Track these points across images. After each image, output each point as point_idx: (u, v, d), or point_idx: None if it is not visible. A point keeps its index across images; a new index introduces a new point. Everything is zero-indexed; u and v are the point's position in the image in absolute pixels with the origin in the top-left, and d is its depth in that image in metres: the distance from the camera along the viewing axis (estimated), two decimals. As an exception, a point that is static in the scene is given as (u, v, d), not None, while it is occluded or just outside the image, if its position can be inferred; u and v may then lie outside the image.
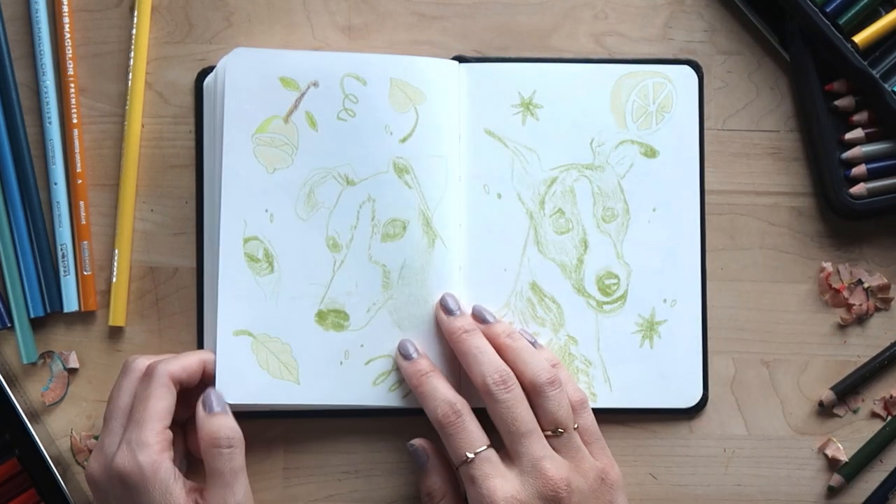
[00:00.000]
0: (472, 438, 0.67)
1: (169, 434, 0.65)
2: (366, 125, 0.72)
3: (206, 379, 0.69)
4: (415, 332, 0.72)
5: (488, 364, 0.68)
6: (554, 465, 0.66)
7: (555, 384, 0.68)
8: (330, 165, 0.72)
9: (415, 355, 0.70)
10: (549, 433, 0.67)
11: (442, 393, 0.68)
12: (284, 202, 0.72)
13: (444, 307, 0.71)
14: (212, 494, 0.65)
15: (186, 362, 0.68)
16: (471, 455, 0.66)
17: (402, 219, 0.72)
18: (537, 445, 0.66)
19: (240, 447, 0.66)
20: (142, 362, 0.68)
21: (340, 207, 0.72)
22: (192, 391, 0.69)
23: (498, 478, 0.65)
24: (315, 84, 0.72)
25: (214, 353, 0.71)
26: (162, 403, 0.65)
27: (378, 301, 0.72)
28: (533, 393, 0.68)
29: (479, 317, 0.72)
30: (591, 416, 0.70)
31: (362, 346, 0.72)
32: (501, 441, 0.68)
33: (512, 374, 0.68)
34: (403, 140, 0.72)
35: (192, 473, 0.71)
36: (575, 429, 0.68)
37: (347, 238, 0.72)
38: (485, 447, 0.66)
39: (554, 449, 0.67)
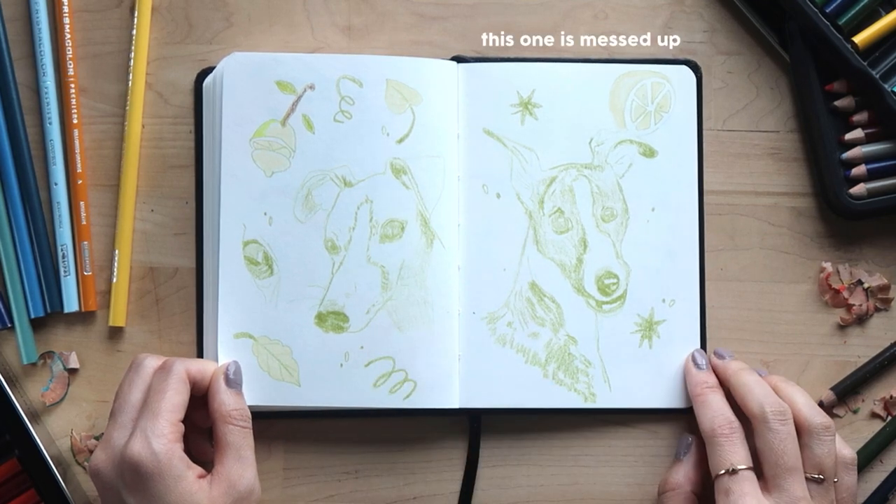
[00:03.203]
0: (741, 455, 0.68)
1: (181, 427, 0.66)
2: (362, 127, 0.72)
3: (210, 392, 0.69)
4: (414, 332, 0.72)
5: (768, 395, 0.69)
6: None
7: (830, 430, 0.69)
8: (327, 167, 0.72)
9: (705, 367, 0.73)
10: (808, 476, 0.68)
11: (723, 407, 0.70)
12: (283, 205, 0.72)
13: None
14: (229, 468, 0.66)
15: (204, 366, 0.69)
16: (739, 467, 0.67)
17: (400, 219, 0.72)
18: (799, 485, 0.67)
19: (251, 429, 0.68)
20: (151, 360, 0.68)
21: (338, 209, 0.72)
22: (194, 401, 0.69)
23: (754, 500, 0.66)
24: (311, 87, 0.72)
25: (216, 354, 0.71)
26: (178, 397, 0.66)
27: (377, 302, 0.72)
28: (804, 433, 0.69)
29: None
30: (855, 479, 0.71)
31: (362, 347, 0.72)
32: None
33: (789, 409, 0.69)
34: (400, 141, 0.72)
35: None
36: (834, 482, 0.69)
37: (346, 239, 0.72)
38: (748, 467, 0.68)
39: (810, 494, 0.68)
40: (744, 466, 0.67)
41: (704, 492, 0.72)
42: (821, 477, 0.68)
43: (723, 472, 0.68)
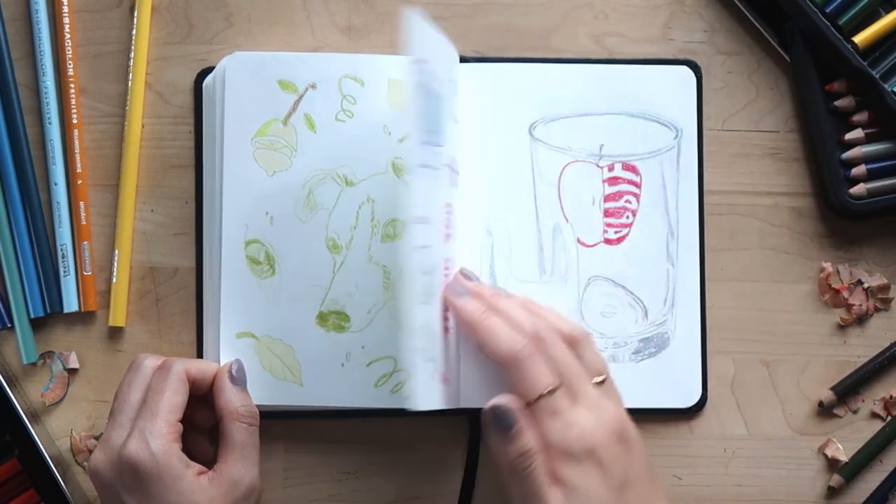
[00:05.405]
0: (551, 371, 0.65)
1: (180, 427, 0.66)
2: (364, 126, 0.72)
3: (216, 389, 0.69)
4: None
5: (517, 334, 0.66)
6: (612, 404, 0.66)
7: (590, 337, 0.68)
8: (329, 167, 0.72)
9: (468, 295, 0.69)
10: (595, 381, 0.66)
11: (512, 329, 0.66)
12: (284, 204, 0.72)
13: (465, 274, 0.71)
14: (231, 466, 0.66)
15: (204, 366, 0.69)
16: (552, 386, 0.64)
17: (401, 219, 0.72)
18: (592, 387, 0.66)
19: (258, 427, 0.68)
20: (151, 360, 0.68)
21: (340, 208, 0.72)
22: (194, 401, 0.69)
23: (574, 412, 0.64)
24: (313, 86, 0.72)
25: (217, 354, 0.71)
26: (177, 398, 0.66)
27: (378, 302, 0.72)
28: (571, 346, 0.67)
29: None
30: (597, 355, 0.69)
31: (363, 347, 0.72)
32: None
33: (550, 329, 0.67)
34: (402, 140, 0.72)
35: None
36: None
37: (347, 239, 0.72)
38: (558, 383, 0.65)
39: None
40: (558, 382, 0.65)
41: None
42: (603, 378, 0.66)
43: (541, 394, 0.65)
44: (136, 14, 0.75)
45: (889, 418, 0.76)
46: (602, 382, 0.66)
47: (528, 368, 0.65)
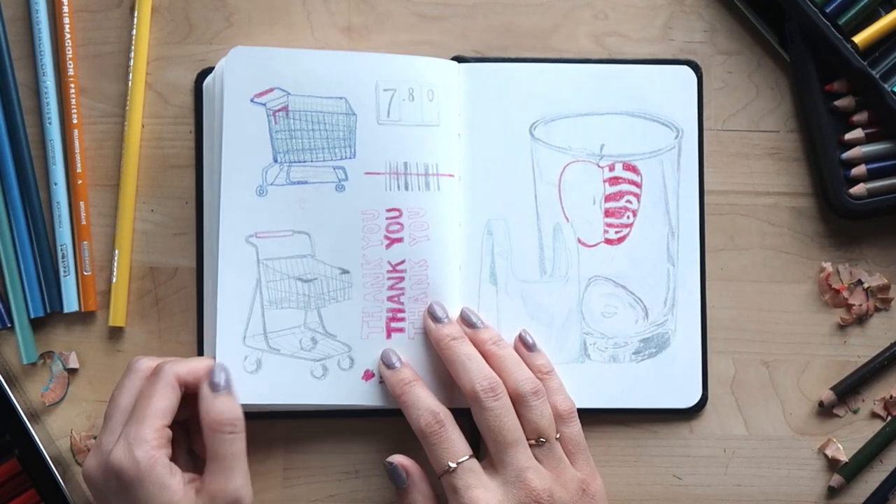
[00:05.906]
0: (455, 448, 0.67)
1: (168, 432, 0.65)
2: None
3: (199, 399, 0.68)
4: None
5: (477, 371, 0.68)
6: (538, 476, 0.66)
7: (538, 394, 0.68)
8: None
9: (398, 364, 0.70)
10: (531, 442, 0.68)
11: (425, 402, 0.68)
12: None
13: (432, 315, 0.71)
14: (211, 479, 0.65)
15: (194, 367, 0.68)
16: (453, 465, 0.66)
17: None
18: (522, 456, 0.67)
19: (241, 432, 0.67)
20: (146, 363, 0.68)
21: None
22: (193, 395, 0.69)
23: (480, 488, 0.66)
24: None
25: (215, 355, 0.71)
26: (164, 403, 0.65)
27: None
28: (516, 402, 0.68)
29: (466, 320, 0.72)
30: (578, 427, 0.70)
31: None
32: (484, 450, 0.68)
33: (500, 382, 0.68)
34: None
35: (199, 472, 0.70)
36: (557, 438, 0.69)
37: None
38: (467, 457, 0.67)
39: (536, 458, 0.67)
40: (463, 459, 0.67)
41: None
42: (542, 440, 0.68)
43: (441, 472, 0.67)
44: (136, 14, 0.75)
45: (889, 418, 0.76)
46: (541, 443, 0.67)
47: (433, 445, 0.67)
